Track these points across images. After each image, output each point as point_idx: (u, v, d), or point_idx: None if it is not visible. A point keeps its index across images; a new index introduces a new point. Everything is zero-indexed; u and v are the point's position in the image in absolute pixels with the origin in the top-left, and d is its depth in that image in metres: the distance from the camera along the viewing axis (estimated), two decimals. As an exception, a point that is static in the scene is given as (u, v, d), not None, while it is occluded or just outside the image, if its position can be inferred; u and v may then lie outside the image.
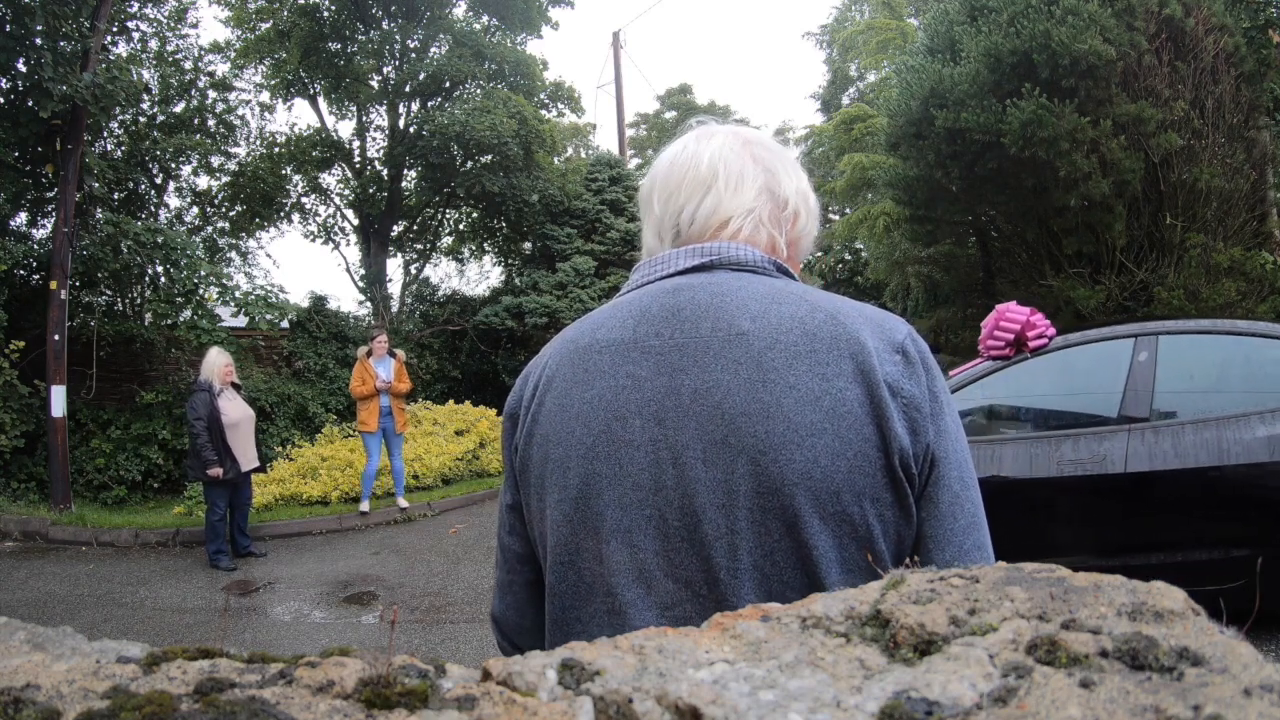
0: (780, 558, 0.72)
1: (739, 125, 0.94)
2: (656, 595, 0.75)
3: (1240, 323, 3.95)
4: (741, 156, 0.88)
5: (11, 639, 0.39)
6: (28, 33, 7.26)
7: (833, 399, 0.73)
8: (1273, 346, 3.72)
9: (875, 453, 0.72)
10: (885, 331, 0.77)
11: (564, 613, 0.81)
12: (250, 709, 0.32)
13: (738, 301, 0.78)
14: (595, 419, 0.78)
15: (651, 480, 0.75)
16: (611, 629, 0.74)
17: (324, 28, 11.93)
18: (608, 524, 0.76)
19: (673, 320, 0.79)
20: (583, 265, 11.48)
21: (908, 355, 0.76)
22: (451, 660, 0.40)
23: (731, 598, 0.72)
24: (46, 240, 8.56)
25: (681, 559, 0.74)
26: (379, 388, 7.12)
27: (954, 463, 0.76)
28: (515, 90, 12.27)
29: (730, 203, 0.86)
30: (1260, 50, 7.63)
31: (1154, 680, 0.33)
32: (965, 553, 0.75)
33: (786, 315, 0.77)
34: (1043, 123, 6.90)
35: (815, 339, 0.75)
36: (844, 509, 0.72)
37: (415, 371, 11.42)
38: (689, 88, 27.06)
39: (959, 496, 0.76)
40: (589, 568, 0.78)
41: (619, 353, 0.80)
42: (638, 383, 0.78)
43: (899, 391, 0.74)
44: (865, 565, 0.73)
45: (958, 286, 10.45)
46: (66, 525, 6.98)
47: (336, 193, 13.41)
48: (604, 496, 0.77)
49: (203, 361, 6.15)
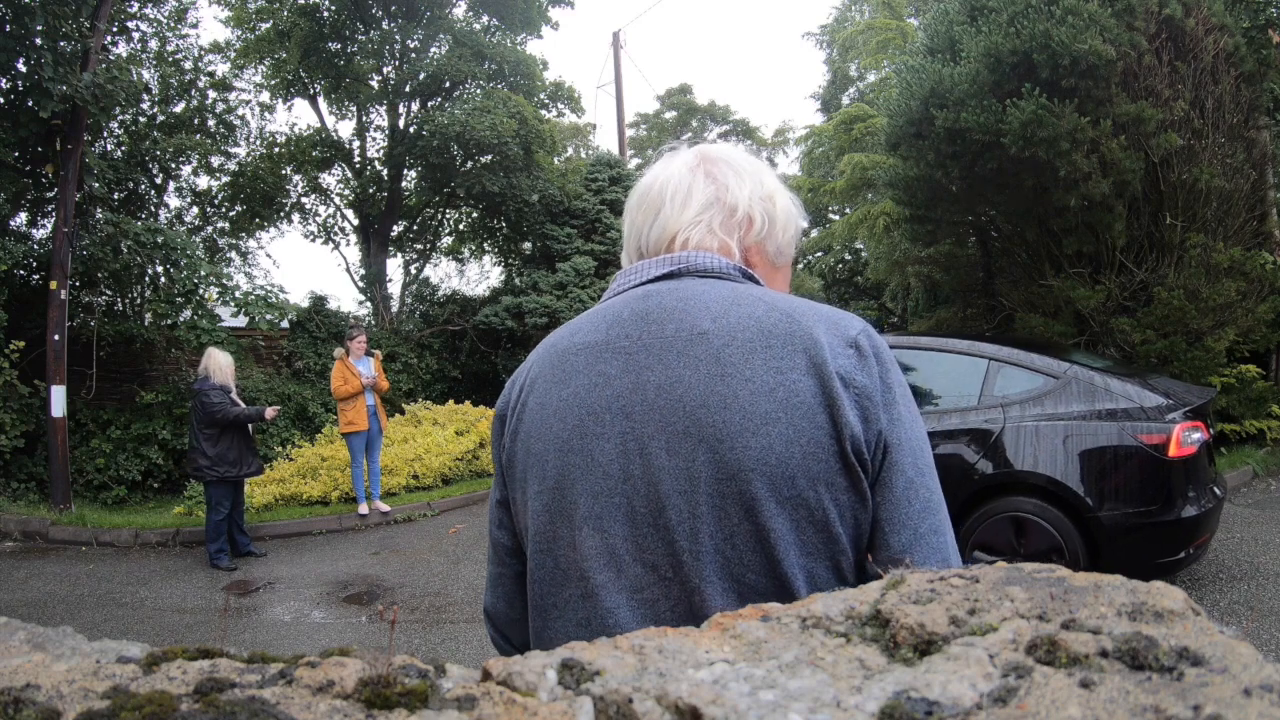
0: (740, 540, 0.76)
1: (708, 144, 1.01)
2: (626, 578, 0.79)
3: (923, 338, 4.94)
4: (691, 175, 0.95)
5: (11, 639, 0.39)
6: (28, 33, 7.26)
7: (786, 390, 0.77)
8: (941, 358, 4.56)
9: (828, 440, 0.76)
10: (839, 327, 0.82)
11: (542, 598, 0.86)
12: (250, 709, 0.32)
13: (700, 304, 0.84)
14: (570, 415, 0.84)
15: (620, 470, 0.80)
16: (585, 611, 0.81)
17: (324, 28, 11.93)
18: (580, 512, 0.81)
19: (641, 323, 0.85)
20: (583, 265, 11.47)
21: (860, 349, 0.81)
22: (451, 660, 0.40)
23: (694, 579, 0.77)
24: (46, 240, 8.56)
25: (648, 543, 0.79)
26: (365, 384, 7.10)
27: (908, 449, 0.80)
28: (515, 90, 12.27)
29: (676, 219, 0.93)
30: (1260, 50, 7.63)
31: (1154, 680, 0.33)
32: (921, 536, 0.78)
33: (745, 315, 0.82)
34: (1043, 123, 6.89)
35: (771, 335, 0.80)
36: (799, 493, 0.76)
37: (415, 371, 11.42)
38: (689, 88, 27.05)
39: (913, 482, 0.79)
40: (564, 554, 0.83)
41: (593, 354, 0.86)
42: (608, 380, 0.83)
43: (851, 382, 0.78)
44: (823, 548, 0.77)
45: (958, 286, 10.43)
46: (66, 525, 6.98)
47: (336, 193, 13.42)
48: (577, 486, 0.82)
49: (206, 362, 6.12)
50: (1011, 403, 4.24)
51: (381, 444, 7.62)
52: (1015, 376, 4.34)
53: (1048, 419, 4.11)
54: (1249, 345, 7.65)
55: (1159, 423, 3.91)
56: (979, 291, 10.01)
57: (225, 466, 5.92)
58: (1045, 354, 4.46)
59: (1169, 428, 3.87)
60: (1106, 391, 4.09)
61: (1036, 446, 4.07)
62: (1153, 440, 3.88)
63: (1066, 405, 4.12)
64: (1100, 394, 4.09)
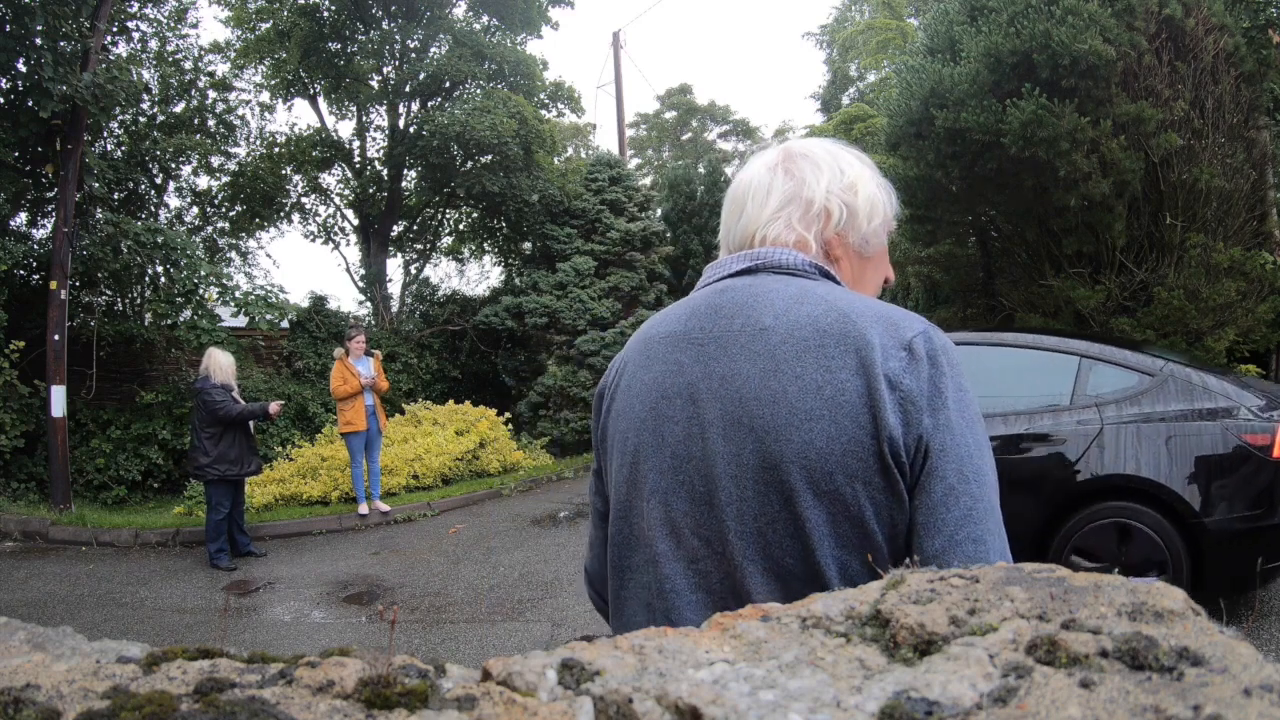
0: (779, 526, 0.82)
1: (794, 140, 1.06)
2: (685, 549, 0.87)
3: (1007, 335, 4.55)
4: (771, 173, 1.00)
5: (11, 639, 0.39)
6: (28, 33, 7.26)
7: (834, 389, 0.81)
8: (1025, 355, 4.31)
9: (869, 439, 0.79)
10: (895, 329, 0.84)
11: (619, 560, 0.95)
12: (250, 709, 0.32)
13: (767, 301, 0.89)
14: (649, 397, 0.93)
15: (685, 450, 0.88)
16: (649, 575, 0.90)
17: (324, 28, 11.92)
18: (649, 485, 0.90)
19: (714, 316, 0.92)
20: (583, 265, 11.47)
21: (913, 351, 0.82)
22: (451, 660, 0.40)
23: (738, 557, 0.83)
24: (46, 240, 8.56)
25: (704, 519, 0.86)
26: (364, 384, 7.11)
27: (953, 456, 0.80)
28: (515, 90, 12.27)
29: (756, 217, 0.99)
30: (1260, 50, 7.63)
31: (1154, 680, 0.33)
32: (957, 544, 0.79)
33: (804, 314, 0.86)
34: (1043, 123, 6.89)
35: (825, 335, 0.84)
36: (836, 488, 0.80)
37: (415, 371, 11.42)
38: (689, 88, 27.04)
39: (954, 489, 0.80)
40: (636, 523, 0.92)
41: (671, 342, 0.93)
42: (681, 368, 0.91)
43: (898, 384, 0.80)
44: (858, 543, 0.80)
45: (958, 286, 10.43)
46: (66, 525, 6.98)
47: (336, 193, 13.41)
48: (648, 462, 0.90)
49: (207, 362, 6.12)
50: (1107, 402, 4.00)
51: (381, 444, 7.62)
52: (1108, 375, 4.09)
53: (1146, 419, 3.88)
54: (1249, 345, 7.66)
55: (1263, 422, 3.70)
56: (979, 291, 10.01)
57: (226, 465, 5.92)
58: (1136, 350, 4.27)
59: (1272, 428, 3.68)
60: (1205, 390, 3.88)
61: (1138, 448, 3.84)
62: (1258, 441, 3.67)
63: (1165, 404, 3.89)
64: (1199, 392, 3.88)
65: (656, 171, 25.13)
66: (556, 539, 6.54)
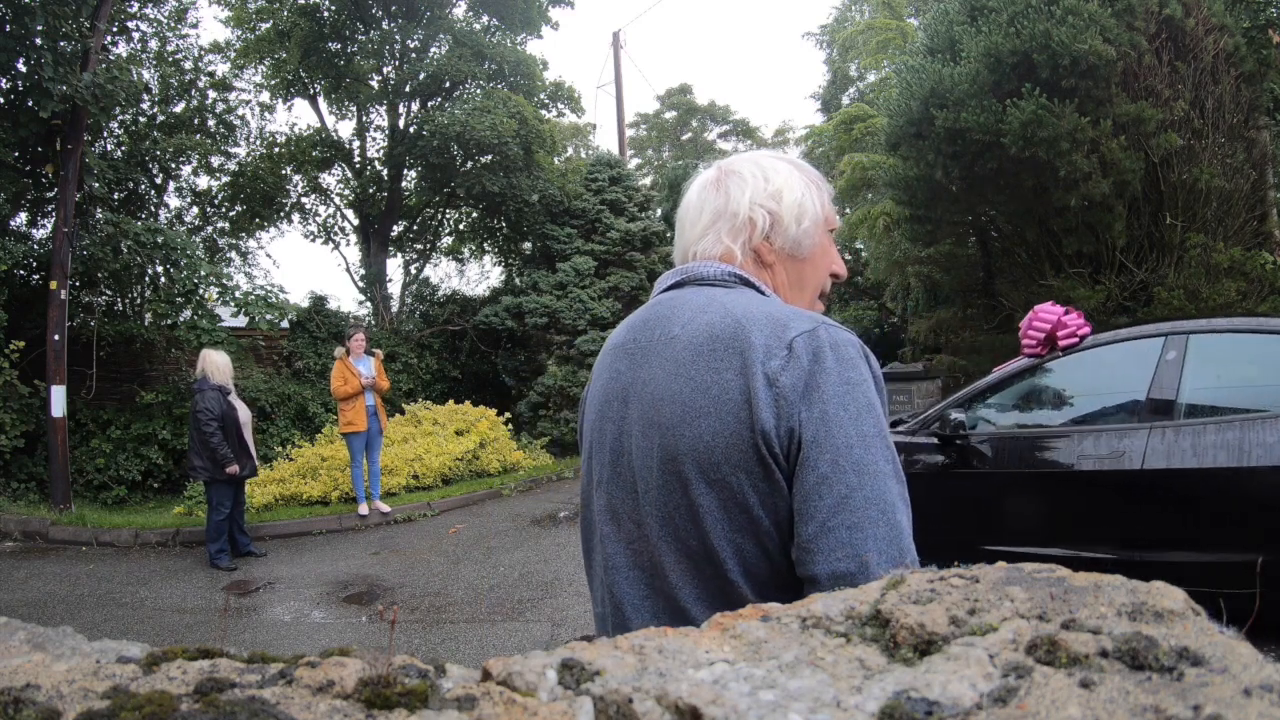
0: (682, 511, 0.91)
1: (728, 158, 1.13)
2: (623, 531, 0.98)
3: (1273, 320, 3.69)
4: (703, 191, 1.09)
5: (11, 639, 0.39)
6: (28, 33, 7.25)
7: (719, 388, 0.89)
8: None
9: (747, 433, 0.87)
10: (782, 330, 0.90)
11: (585, 542, 1.11)
12: (250, 709, 0.32)
13: (679, 312, 0.99)
14: (597, 402, 1.06)
15: (618, 446, 1.00)
16: (600, 554, 1.02)
17: (324, 28, 11.92)
18: (597, 477, 1.03)
19: (644, 328, 1.02)
20: (583, 265, 11.47)
21: (793, 350, 0.88)
22: (451, 660, 0.40)
23: (655, 538, 0.94)
24: (46, 240, 8.56)
25: (633, 506, 0.97)
26: (365, 385, 7.10)
27: (828, 446, 0.85)
28: (515, 90, 12.27)
29: (690, 234, 1.09)
30: (1260, 50, 7.63)
31: (1154, 680, 0.33)
32: (829, 530, 0.84)
33: (704, 322, 0.95)
34: (1043, 123, 6.89)
35: (716, 340, 0.92)
36: (724, 477, 0.88)
37: (415, 371, 11.42)
38: (689, 88, 27.03)
39: (827, 478, 0.84)
40: (591, 510, 1.06)
41: (616, 353, 1.05)
42: (619, 375, 1.02)
43: (775, 382, 0.87)
44: (749, 527, 0.88)
45: (958, 286, 10.43)
46: (66, 525, 6.98)
47: (336, 193, 13.42)
48: (596, 458, 1.04)
49: (202, 364, 6.11)
50: None
51: (381, 444, 7.62)
52: None
53: None
54: (1249, 345, 7.63)
55: None
56: (979, 291, 10.01)
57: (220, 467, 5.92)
58: None
59: None
60: None
61: None
62: None
63: None
64: None
65: (656, 171, 25.13)
66: (556, 539, 6.54)
